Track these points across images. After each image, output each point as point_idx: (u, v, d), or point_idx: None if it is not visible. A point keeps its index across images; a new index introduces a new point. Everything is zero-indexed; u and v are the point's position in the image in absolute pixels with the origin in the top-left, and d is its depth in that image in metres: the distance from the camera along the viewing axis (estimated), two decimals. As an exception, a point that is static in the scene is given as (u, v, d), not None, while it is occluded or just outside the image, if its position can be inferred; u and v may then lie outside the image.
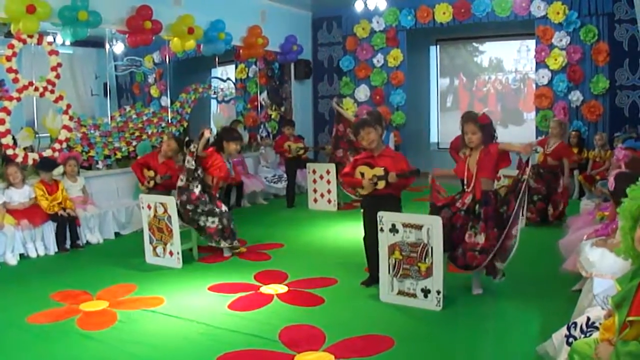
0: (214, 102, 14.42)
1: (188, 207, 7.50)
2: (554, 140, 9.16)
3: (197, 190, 7.53)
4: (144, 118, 10.83)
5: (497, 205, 5.71)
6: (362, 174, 6.11)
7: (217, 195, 7.86)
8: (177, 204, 7.38)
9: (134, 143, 10.34)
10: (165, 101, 12.75)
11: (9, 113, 8.24)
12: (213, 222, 7.56)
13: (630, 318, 2.79)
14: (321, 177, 10.99)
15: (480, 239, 5.63)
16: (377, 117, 6.34)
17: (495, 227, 5.62)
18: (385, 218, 5.63)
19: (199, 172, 7.60)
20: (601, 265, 4.74)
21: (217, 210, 7.60)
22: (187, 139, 11.18)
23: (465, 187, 5.90)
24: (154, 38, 10.08)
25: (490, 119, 5.88)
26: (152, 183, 8.51)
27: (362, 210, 6.41)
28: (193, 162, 7.55)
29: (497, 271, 5.74)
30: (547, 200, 9.03)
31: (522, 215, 5.74)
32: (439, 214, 5.71)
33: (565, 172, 9.03)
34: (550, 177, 9.06)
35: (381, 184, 5.97)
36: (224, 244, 7.65)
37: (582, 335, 3.60)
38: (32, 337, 5.09)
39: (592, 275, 4.72)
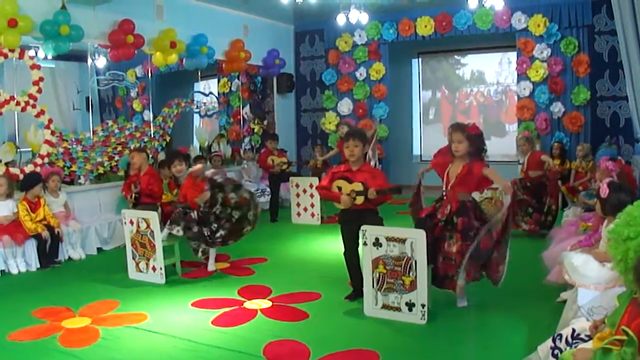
0: (196, 117, 14.39)
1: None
2: (526, 155, 9.25)
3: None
4: (127, 132, 10.78)
5: (475, 215, 5.73)
6: (340, 188, 6.08)
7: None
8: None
9: (117, 158, 10.27)
10: (148, 115, 12.69)
11: (-11, 128, 8.20)
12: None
13: (617, 337, 2.84)
14: (304, 190, 10.98)
15: (454, 248, 5.68)
16: (365, 136, 6.30)
17: (463, 240, 5.65)
18: (369, 232, 5.62)
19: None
20: (585, 271, 4.75)
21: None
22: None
23: (443, 194, 5.92)
24: (136, 52, 10.06)
25: (479, 131, 5.87)
26: (133, 196, 8.45)
27: (340, 225, 6.39)
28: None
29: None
30: (540, 211, 9.07)
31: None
32: (423, 226, 5.71)
33: (550, 163, 9.08)
34: (537, 188, 9.14)
35: (359, 200, 5.93)
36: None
37: (568, 347, 3.60)
38: (13, 355, 5.02)
39: (576, 286, 4.73)
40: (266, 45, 13.78)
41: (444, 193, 5.90)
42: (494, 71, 14.81)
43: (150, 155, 10.25)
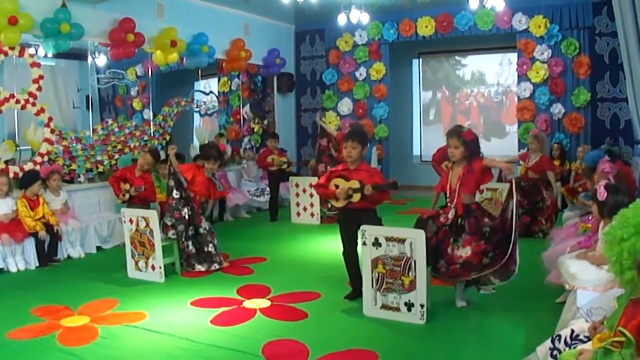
0: (196, 116, 14.39)
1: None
2: (535, 154, 9.24)
3: (183, 211, 7.62)
4: (126, 131, 10.77)
5: (480, 217, 5.73)
6: (337, 186, 6.08)
7: (201, 211, 7.81)
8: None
9: (116, 156, 10.27)
10: (148, 114, 12.71)
11: (-11, 126, 8.19)
12: (188, 245, 7.63)
13: (615, 339, 2.84)
14: (304, 190, 10.97)
15: (464, 252, 5.65)
16: (365, 138, 6.27)
17: (481, 240, 5.63)
18: (368, 232, 5.61)
19: (182, 190, 7.66)
20: (582, 276, 4.76)
21: (192, 232, 7.68)
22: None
23: (447, 201, 5.92)
24: (136, 51, 10.04)
25: (474, 136, 5.86)
26: (127, 196, 8.46)
27: (338, 225, 6.38)
28: (171, 181, 7.67)
29: (486, 283, 5.73)
30: (530, 214, 9.09)
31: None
32: (425, 227, 5.71)
33: (552, 184, 9.09)
34: (532, 190, 9.15)
35: (356, 197, 5.95)
36: (199, 268, 7.66)
37: (567, 348, 3.60)
38: (12, 353, 5.01)
39: (575, 288, 4.73)
40: (267, 44, 13.79)
41: (447, 200, 5.91)
42: (494, 72, 14.82)
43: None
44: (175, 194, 7.63)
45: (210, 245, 7.71)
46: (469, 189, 5.77)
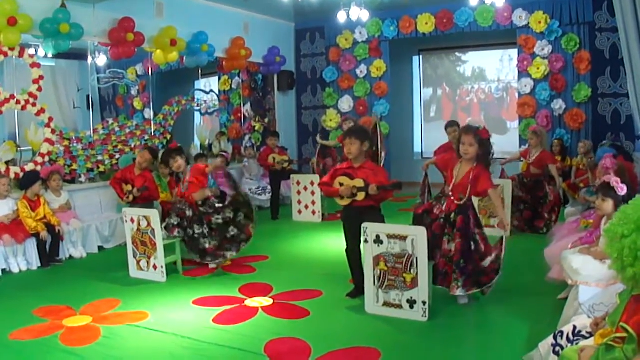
0: (197, 114, 14.38)
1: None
2: (536, 150, 9.26)
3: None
4: (127, 131, 10.77)
5: (472, 215, 5.76)
6: (341, 185, 6.08)
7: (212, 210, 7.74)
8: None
9: (117, 156, 10.27)
10: (149, 113, 12.69)
11: (-10, 127, 8.19)
12: (206, 242, 7.61)
13: (617, 335, 2.85)
14: (305, 188, 10.97)
15: (452, 247, 5.69)
16: (365, 134, 6.25)
17: (461, 238, 5.66)
18: (370, 229, 5.62)
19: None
20: (585, 271, 4.76)
21: (207, 229, 7.66)
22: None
23: (446, 192, 5.93)
24: (136, 50, 10.03)
25: (489, 135, 5.88)
26: (131, 197, 8.46)
27: (342, 222, 6.39)
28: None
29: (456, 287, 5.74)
30: (533, 209, 9.12)
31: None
32: (422, 221, 5.73)
33: (555, 177, 9.12)
34: (534, 185, 9.17)
35: (361, 196, 5.94)
36: (230, 254, 7.68)
37: (569, 344, 3.60)
38: (14, 354, 5.02)
39: (577, 284, 4.73)
40: (267, 42, 13.78)
41: (445, 190, 5.93)
42: (495, 68, 14.79)
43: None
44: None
45: (232, 229, 7.65)
46: (467, 193, 5.79)
